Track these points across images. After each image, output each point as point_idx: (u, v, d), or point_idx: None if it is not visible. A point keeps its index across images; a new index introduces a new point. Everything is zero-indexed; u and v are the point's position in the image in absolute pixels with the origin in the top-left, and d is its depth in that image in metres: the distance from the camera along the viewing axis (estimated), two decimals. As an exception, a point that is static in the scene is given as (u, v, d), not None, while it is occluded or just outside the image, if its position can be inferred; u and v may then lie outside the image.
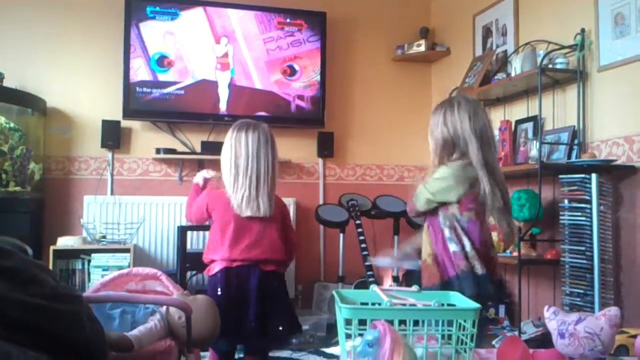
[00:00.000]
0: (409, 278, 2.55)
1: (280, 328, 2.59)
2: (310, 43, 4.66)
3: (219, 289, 2.56)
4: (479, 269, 2.19)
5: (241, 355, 2.79)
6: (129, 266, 3.75)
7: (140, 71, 4.31)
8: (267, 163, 2.63)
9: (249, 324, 2.50)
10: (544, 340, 3.08)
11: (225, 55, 4.49)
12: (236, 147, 2.64)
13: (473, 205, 2.24)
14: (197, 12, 4.44)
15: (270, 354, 3.47)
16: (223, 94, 4.47)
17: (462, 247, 2.21)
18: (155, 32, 4.35)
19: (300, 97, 4.63)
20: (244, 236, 2.61)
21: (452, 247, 2.22)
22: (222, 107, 4.45)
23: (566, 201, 3.06)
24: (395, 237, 4.23)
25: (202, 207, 2.72)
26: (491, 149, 2.27)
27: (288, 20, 4.62)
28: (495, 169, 2.26)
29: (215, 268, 2.62)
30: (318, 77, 4.66)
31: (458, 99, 2.33)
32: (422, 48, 4.82)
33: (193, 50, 4.43)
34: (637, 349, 1.35)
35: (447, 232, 2.24)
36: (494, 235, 3.55)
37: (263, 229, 2.63)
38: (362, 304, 1.44)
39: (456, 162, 2.25)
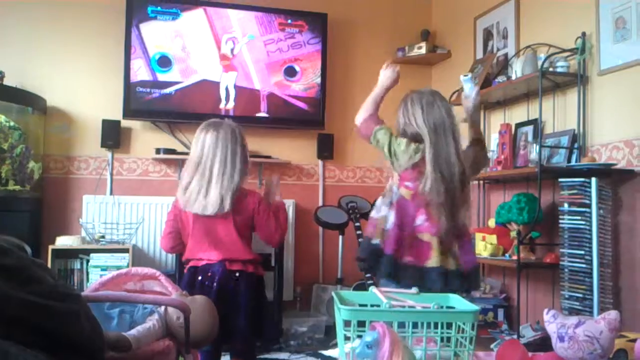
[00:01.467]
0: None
1: (244, 328, 2.56)
2: (310, 45, 4.66)
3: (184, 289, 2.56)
4: (377, 242, 2.30)
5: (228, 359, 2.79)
6: (127, 266, 3.75)
7: (140, 71, 4.31)
8: (224, 159, 2.56)
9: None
10: (542, 344, 3.07)
11: (228, 57, 4.49)
12: (195, 146, 2.64)
13: (411, 186, 2.33)
14: (198, 13, 4.44)
15: (267, 356, 3.47)
16: (224, 94, 4.47)
17: (379, 216, 2.35)
18: (157, 32, 4.35)
19: (301, 99, 4.63)
20: (204, 235, 2.60)
21: (373, 212, 2.40)
22: (222, 107, 4.45)
23: (566, 205, 3.05)
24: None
25: (170, 220, 2.71)
26: (446, 139, 2.32)
27: (289, 21, 4.63)
28: (445, 163, 2.30)
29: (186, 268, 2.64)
30: (318, 79, 4.67)
31: (411, 96, 2.45)
32: (423, 50, 4.83)
33: (194, 50, 4.43)
34: (637, 353, 1.34)
35: (379, 199, 2.41)
36: (493, 238, 3.57)
37: (219, 227, 2.59)
38: (361, 305, 1.44)
39: (412, 145, 2.36)
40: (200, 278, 2.58)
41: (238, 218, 2.61)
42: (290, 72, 4.62)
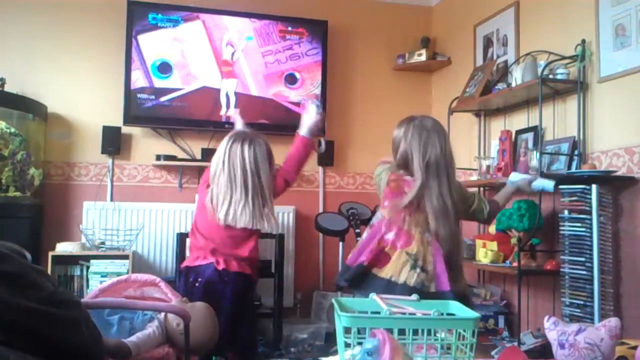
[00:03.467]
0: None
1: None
2: (309, 57, 4.67)
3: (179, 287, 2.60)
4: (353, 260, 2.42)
5: None
6: (127, 273, 3.74)
7: (139, 82, 4.32)
8: (263, 179, 2.64)
9: None
10: (543, 351, 3.07)
11: (229, 63, 4.50)
12: (228, 158, 2.64)
13: (387, 203, 2.42)
14: (197, 24, 4.45)
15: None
16: (224, 100, 4.47)
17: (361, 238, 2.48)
18: (157, 39, 4.36)
19: (301, 106, 4.63)
20: (207, 237, 2.63)
21: (363, 236, 2.50)
22: (223, 114, 4.46)
23: (566, 212, 3.05)
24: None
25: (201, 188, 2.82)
26: (439, 180, 2.35)
27: (290, 28, 4.64)
28: (434, 204, 2.33)
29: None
30: (317, 90, 4.66)
31: (413, 127, 2.43)
32: (423, 57, 4.84)
33: (194, 57, 4.44)
34: (638, 360, 1.34)
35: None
36: (494, 245, 3.57)
37: (232, 234, 2.64)
38: (361, 312, 1.43)
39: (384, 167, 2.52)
40: (191, 279, 2.61)
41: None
42: (290, 80, 4.63)
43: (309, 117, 2.93)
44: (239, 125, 3.14)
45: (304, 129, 2.92)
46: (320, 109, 2.98)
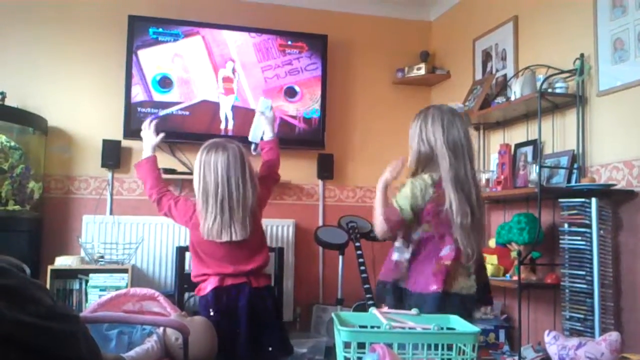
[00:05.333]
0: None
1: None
2: (308, 72, 4.69)
3: (211, 310, 2.55)
4: (402, 285, 2.29)
5: None
6: (126, 286, 3.73)
7: (139, 97, 4.34)
8: (238, 186, 2.58)
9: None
10: (544, 365, 3.06)
11: (230, 79, 4.51)
12: (205, 171, 2.61)
13: (430, 218, 2.28)
14: (196, 39, 4.48)
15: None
16: (224, 117, 4.48)
17: (403, 258, 2.30)
18: (157, 54, 4.38)
19: (300, 119, 4.65)
20: (223, 256, 2.61)
21: (395, 256, 2.34)
22: (223, 128, 4.46)
23: (566, 225, 3.05)
24: (395, 260, 4.21)
25: (185, 217, 2.71)
26: (464, 160, 2.31)
27: (289, 42, 4.66)
28: (465, 184, 2.28)
29: (207, 288, 2.61)
30: (317, 104, 4.68)
31: (433, 112, 2.39)
32: (422, 71, 4.86)
33: (195, 71, 4.46)
34: (639, 375, 1.34)
35: (397, 242, 2.34)
36: (494, 259, 3.57)
37: (238, 248, 2.61)
38: (361, 326, 1.43)
39: (420, 179, 2.31)
40: (225, 298, 2.58)
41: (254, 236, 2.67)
42: (290, 93, 4.65)
43: (265, 120, 2.94)
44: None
45: (268, 133, 2.92)
46: (269, 103, 3.00)
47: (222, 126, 4.47)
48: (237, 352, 2.40)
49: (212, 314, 2.52)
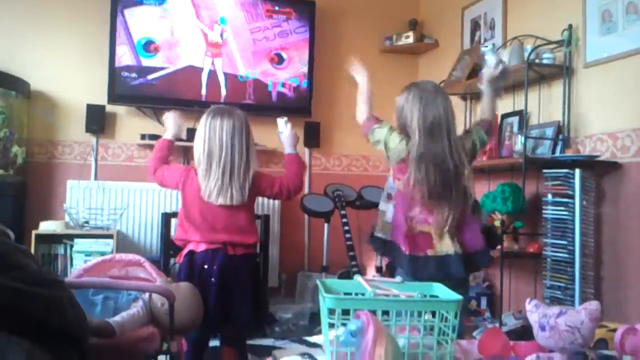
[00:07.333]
0: (392, 269, 2.58)
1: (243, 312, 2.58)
2: (297, 35, 4.64)
3: (181, 275, 2.57)
4: (380, 235, 2.43)
5: (217, 344, 2.79)
6: (112, 252, 3.73)
7: (125, 57, 4.27)
8: (241, 152, 2.60)
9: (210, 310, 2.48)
10: (524, 332, 3.11)
11: (220, 43, 4.46)
12: (210, 135, 2.62)
13: (400, 176, 2.38)
14: (184, 1, 4.40)
15: (252, 342, 3.48)
16: (205, 80, 4.43)
17: (385, 209, 2.43)
18: (142, 17, 4.30)
19: (287, 86, 4.62)
20: (211, 220, 2.60)
21: (381, 205, 2.47)
22: (204, 93, 4.41)
23: (549, 195, 3.08)
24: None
25: (175, 179, 2.71)
26: (442, 139, 2.34)
27: (276, 8, 4.60)
28: (442, 161, 2.32)
29: (183, 253, 2.63)
30: (305, 68, 4.65)
31: (413, 91, 2.44)
32: (411, 40, 4.82)
33: (180, 36, 4.39)
34: (617, 342, 1.36)
35: (384, 192, 2.48)
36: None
37: (231, 214, 2.61)
38: (345, 294, 1.44)
39: (401, 140, 2.41)
40: (199, 263, 2.58)
41: (249, 201, 2.65)
42: (277, 60, 4.60)
43: (285, 136, 2.94)
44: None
45: (287, 148, 2.92)
46: (288, 122, 3.01)
47: (204, 91, 4.42)
48: (207, 316, 2.40)
49: (181, 277, 2.54)
